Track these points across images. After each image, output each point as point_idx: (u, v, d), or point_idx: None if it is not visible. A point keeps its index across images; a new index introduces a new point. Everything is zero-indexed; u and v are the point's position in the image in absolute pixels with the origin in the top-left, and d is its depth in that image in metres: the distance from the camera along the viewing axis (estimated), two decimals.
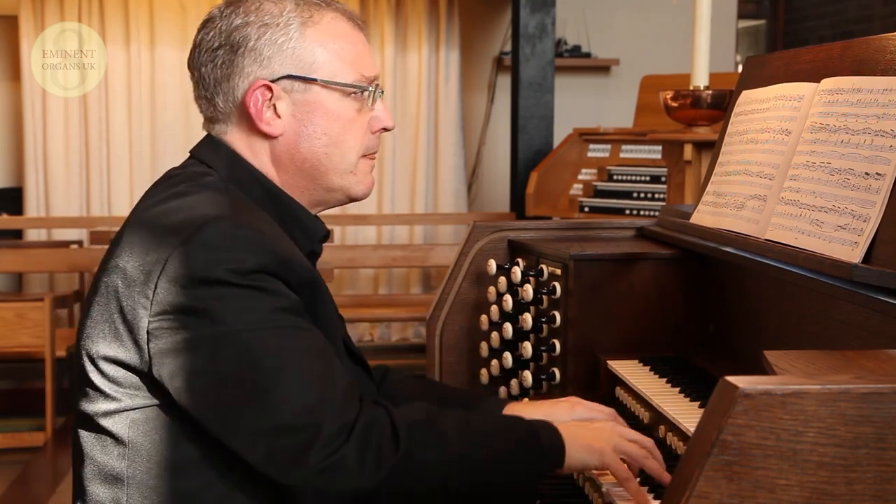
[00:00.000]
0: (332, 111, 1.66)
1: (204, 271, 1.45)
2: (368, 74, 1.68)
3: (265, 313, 1.46)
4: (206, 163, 1.68)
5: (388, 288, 6.98)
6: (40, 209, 6.76)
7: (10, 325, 4.82)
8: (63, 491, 4.33)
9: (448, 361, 2.50)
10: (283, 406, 1.43)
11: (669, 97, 2.91)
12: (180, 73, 6.82)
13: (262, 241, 1.49)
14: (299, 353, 1.46)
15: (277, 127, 1.65)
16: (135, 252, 1.51)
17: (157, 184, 1.68)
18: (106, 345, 1.52)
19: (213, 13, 1.68)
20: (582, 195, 5.62)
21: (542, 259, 2.30)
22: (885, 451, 1.02)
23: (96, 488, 1.55)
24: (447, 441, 1.51)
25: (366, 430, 1.45)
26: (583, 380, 2.17)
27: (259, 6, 1.65)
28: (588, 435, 1.61)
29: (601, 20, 7.24)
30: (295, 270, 1.51)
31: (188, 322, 1.45)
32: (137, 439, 1.52)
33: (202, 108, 1.72)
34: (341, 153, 1.68)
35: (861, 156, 1.62)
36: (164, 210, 1.55)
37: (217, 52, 1.65)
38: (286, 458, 1.43)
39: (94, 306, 1.55)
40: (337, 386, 1.47)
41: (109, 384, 1.52)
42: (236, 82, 1.65)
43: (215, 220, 1.49)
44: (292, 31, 1.64)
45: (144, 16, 6.73)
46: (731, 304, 2.07)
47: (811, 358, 1.20)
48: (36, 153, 6.72)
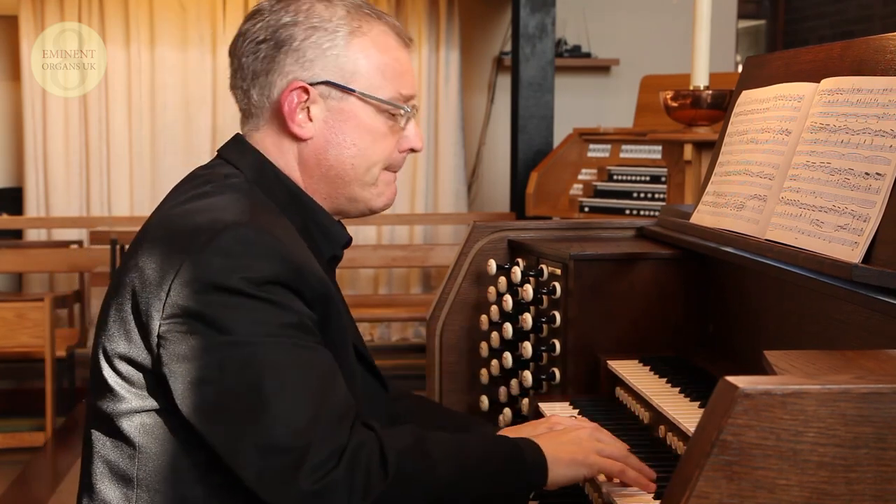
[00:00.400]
0: (365, 124, 1.65)
1: (218, 277, 1.44)
2: (406, 93, 1.68)
3: (273, 328, 1.45)
4: (232, 163, 1.67)
5: (388, 288, 6.99)
6: (40, 209, 6.76)
7: (10, 325, 4.82)
8: (63, 491, 4.33)
9: (448, 361, 2.50)
10: (276, 425, 1.42)
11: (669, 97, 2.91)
12: (180, 73, 6.82)
13: (279, 250, 1.48)
14: (299, 372, 1.45)
15: (308, 130, 1.65)
16: (153, 252, 1.51)
17: (184, 182, 1.68)
18: (121, 343, 1.52)
19: (263, 5, 1.67)
20: (582, 195, 5.62)
21: (542, 259, 2.30)
22: (885, 451, 1.02)
23: (105, 487, 1.55)
24: (435, 464, 1.50)
25: (355, 454, 1.44)
26: (583, 380, 2.17)
27: (310, 7, 1.64)
28: (569, 449, 1.61)
29: (601, 20, 7.25)
30: (309, 282, 1.50)
31: (197, 328, 1.44)
32: (146, 443, 1.52)
33: (237, 98, 1.70)
34: (366, 165, 1.67)
35: (861, 156, 1.62)
36: (186, 211, 1.55)
37: (261, 45, 1.64)
38: (275, 478, 1.43)
39: (112, 304, 1.55)
40: (333, 409, 1.45)
41: (122, 383, 1.52)
42: (274, 79, 1.64)
43: (234, 225, 1.48)
44: (339, 37, 1.63)
45: (144, 16, 6.73)
46: (731, 304, 2.07)
47: (811, 358, 1.20)
48: (36, 153, 6.72)
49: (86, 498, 1.59)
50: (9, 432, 5.11)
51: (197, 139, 6.88)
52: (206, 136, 6.88)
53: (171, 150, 6.86)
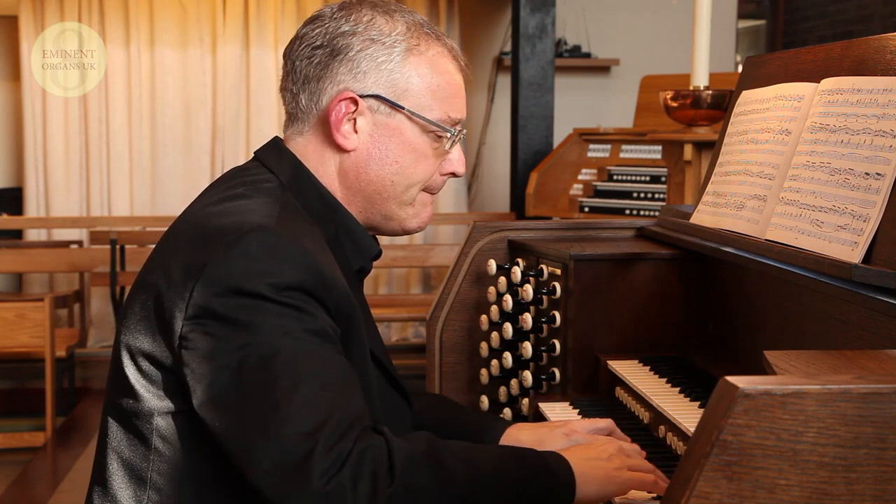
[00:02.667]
0: (410, 142, 1.65)
1: (241, 281, 1.43)
2: (455, 117, 1.67)
3: (294, 332, 1.43)
4: (268, 167, 1.66)
5: (388, 288, 6.98)
6: (40, 209, 6.77)
7: (10, 325, 4.82)
8: (63, 491, 4.33)
9: (448, 361, 2.50)
10: (285, 426, 1.41)
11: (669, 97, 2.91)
12: (180, 73, 6.82)
13: (304, 256, 1.47)
14: (316, 375, 1.43)
15: (352, 142, 1.64)
16: (179, 252, 1.50)
17: (218, 182, 1.67)
18: (145, 340, 1.51)
19: (324, 11, 1.67)
20: (582, 195, 5.62)
21: (542, 259, 2.30)
22: (885, 451, 1.02)
23: (117, 483, 1.55)
24: (448, 475, 1.46)
25: (360, 458, 1.42)
26: (583, 380, 2.17)
27: (371, 19, 1.64)
28: (600, 465, 1.57)
29: (601, 20, 7.25)
30: (333, 295, 1.49)
31: (218, 330, 1.44)
32: (161, 446, 1.51)
33: (285, 101, 1.69)
34: (406, 184, 1.66)
35: (861, 156, 1.62)
36: (215, 212, 1.54)
37: (316, 50, 1.63)
38: (281, 479, 1.42)
39: (136, 301, 1.54)
40: (345, 416, 1.43)
41: (142, 381, 1.52)
42: (325, 86, 1.63)
43: (259, 228, 1.47)
44: (395, 53, 1.62)
45: (144, 16, 6.73)
46: (731, 304, 2.07)
47: (811, 358, 1.20)
48: (36, 153, 6.72)
49: (97, 490, 1.58)
50: (9, 432, 5.11)
51: (197, 139, 6.88)
52: (205, 136, 6.88)
53: (171, 150, 6.87)
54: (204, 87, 6.83)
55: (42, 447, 4.92)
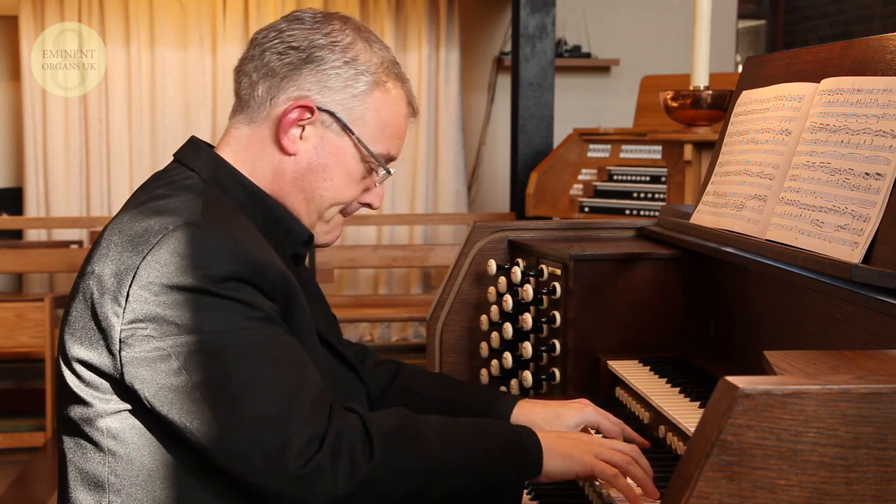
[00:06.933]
0: (347, 165, 1.70)
1: (177, 277, 1.45)
2: (392, 155, 1.74)
3: (237, 323, 1.46)
4: (187, 165, 1.69)
5: (388, 288, 6.98)
6: (40, 209, 6.76)
7: (10, 325, 4.82)
8: None
9: (448, 361, 2.50)
10: (252, 418, 1.43)
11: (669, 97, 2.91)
12: (180, 73, 6.82)
13: (235, 247, 1.49)
14: (268, 362, 1.46)
15: (295, 147, 1.68)
16: (109, 257, 1.51)
17: (141, 188, 1.69)
18: (81, 349, 1.52)
19: (305, 16, 1.71)
20: (582, 195, 5.62)
21: (542, 259, 2.30)
22: (885, 451, 1.02)
23: (80, 494, 1.55)
24: (424, 446, 1.50)
25: (338, 437, 1.44)
26: (583, 380, 2.17)
27: (352, 42, 1.68)
28: (567, 444, 1.61)
29: (601, 20, 7.25)
30: (269, 276, 1.52)
31: (160, 331, 1.45)
32: (115, 447, 1.52)
33: (240, 83, 1.72)
34: (332, 201, 1.72)
35: (861, 156, 1.62)
36: (139, 214, 1.55)
37: (291, 50, 1.67)
38: (259, 469, 1.43)
39: (72, 310, 1.55)
40: (307, 396, 1.46)
41: (85, 388, 1.53)
42: (288, 86, 1.67)
43: (186, 225, 1.49)
44: (363, 82, 1.68)
45: (144, 16, 6.73)
46: (731, 304, 2.07)
47: (811, 358, 1.20)
48: (36, 153, 6.72)
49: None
50: (9, 432, 5.11)
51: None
52: (205, 136, 6.86)
53: (171, 150, 6.76)
54: (204, 87, 6.82)
55: (42, 447, 4.91)
